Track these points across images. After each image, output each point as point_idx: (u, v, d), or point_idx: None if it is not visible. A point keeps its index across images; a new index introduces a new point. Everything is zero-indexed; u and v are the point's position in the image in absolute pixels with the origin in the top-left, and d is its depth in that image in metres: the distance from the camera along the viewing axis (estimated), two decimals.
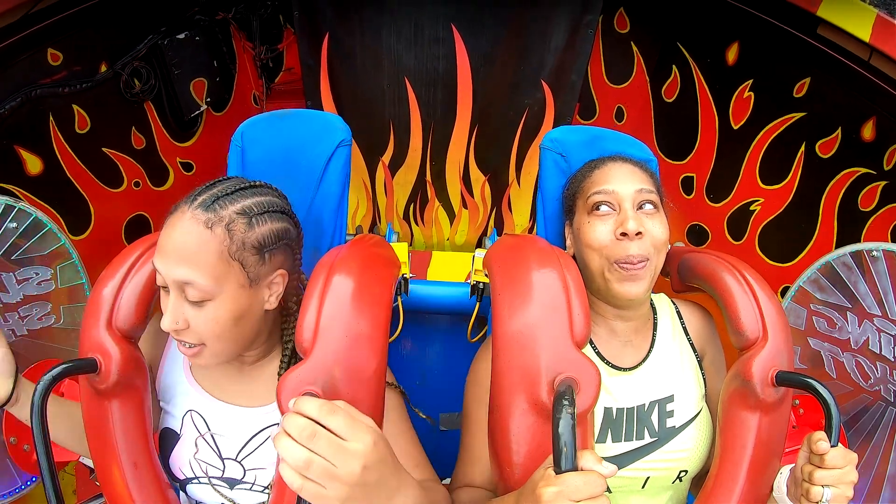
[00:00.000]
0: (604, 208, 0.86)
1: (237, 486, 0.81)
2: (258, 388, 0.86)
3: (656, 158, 1.10)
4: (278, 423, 0.80)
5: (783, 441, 0.81)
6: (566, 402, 0.58)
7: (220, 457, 0.82)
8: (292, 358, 0.83)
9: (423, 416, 0.90)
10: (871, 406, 1.09)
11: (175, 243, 0.69)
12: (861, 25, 1.03)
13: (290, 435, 0.51)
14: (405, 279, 1.20)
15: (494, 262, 0.85)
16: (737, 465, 0.78)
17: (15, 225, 1.02)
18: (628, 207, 0.85)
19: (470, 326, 1.19)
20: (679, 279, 0.99)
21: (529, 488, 0.60)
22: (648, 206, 0.87)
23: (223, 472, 0.81)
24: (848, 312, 1.10)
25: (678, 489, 0.92)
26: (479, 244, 2.07)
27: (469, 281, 1.25)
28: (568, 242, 0.97)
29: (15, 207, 1.01)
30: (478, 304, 1.20)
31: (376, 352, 0.71)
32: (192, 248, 0.69)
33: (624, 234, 0.83)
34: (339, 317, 0.70)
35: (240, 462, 0.81)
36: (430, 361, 1.15)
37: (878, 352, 1.08)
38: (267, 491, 0.81)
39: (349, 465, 0.50)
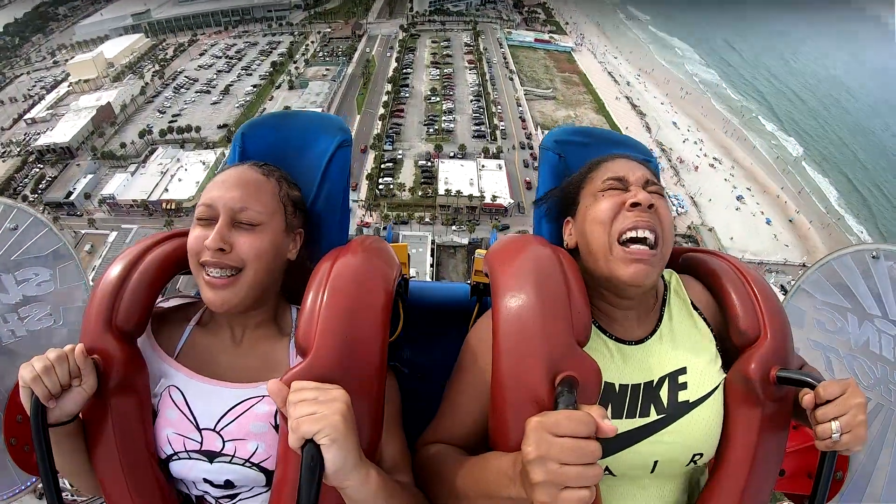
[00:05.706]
0: (612, 191, 0.85)
1: (217, 460, 0.80)
2: (247, 363, 0.86)
3: (656, 159, 1.10)
4: (259, 396, 0.81)
5: (785, 439, 0.81)
6: (567, 397, 0.62)
7: (198, 427, 0.81)
8: None
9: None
10: (871, 406, 1.09)
11: (236, 178, 0.84)
12: None
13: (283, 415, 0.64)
14: (405, 279, 1.20)
15: (494, 261, 0.85)
16: (739, 463, 0.79)
17: (14, 225, 1.02)
18: (638, 186, 0.84)
19: (470, 326, 1.19)
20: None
21: None
22: (655, 186, 0.86)
23: (201, 443, 0.80)
24: (848, 312, 1.10)
25: (692, 474, 0.87)
26: (480, 244, 2.06)
27: (469, 281, 1.25)
28: (567, 235, 0.93)
29: (14, 208, 1.01)
30: (478, 304, 1.19)
31: (376, 351, 0.72)
32: (252, 184, 0.85)
33: (635, 205, 0.81)
34: (339, 317, 0.71)
35: (218, 432, 0.80)
36: (429, 361, 1.15)
37: (878, 352, 1.09)
38: (248, 465, 0.80)
39: (332, 405, 0.63)
